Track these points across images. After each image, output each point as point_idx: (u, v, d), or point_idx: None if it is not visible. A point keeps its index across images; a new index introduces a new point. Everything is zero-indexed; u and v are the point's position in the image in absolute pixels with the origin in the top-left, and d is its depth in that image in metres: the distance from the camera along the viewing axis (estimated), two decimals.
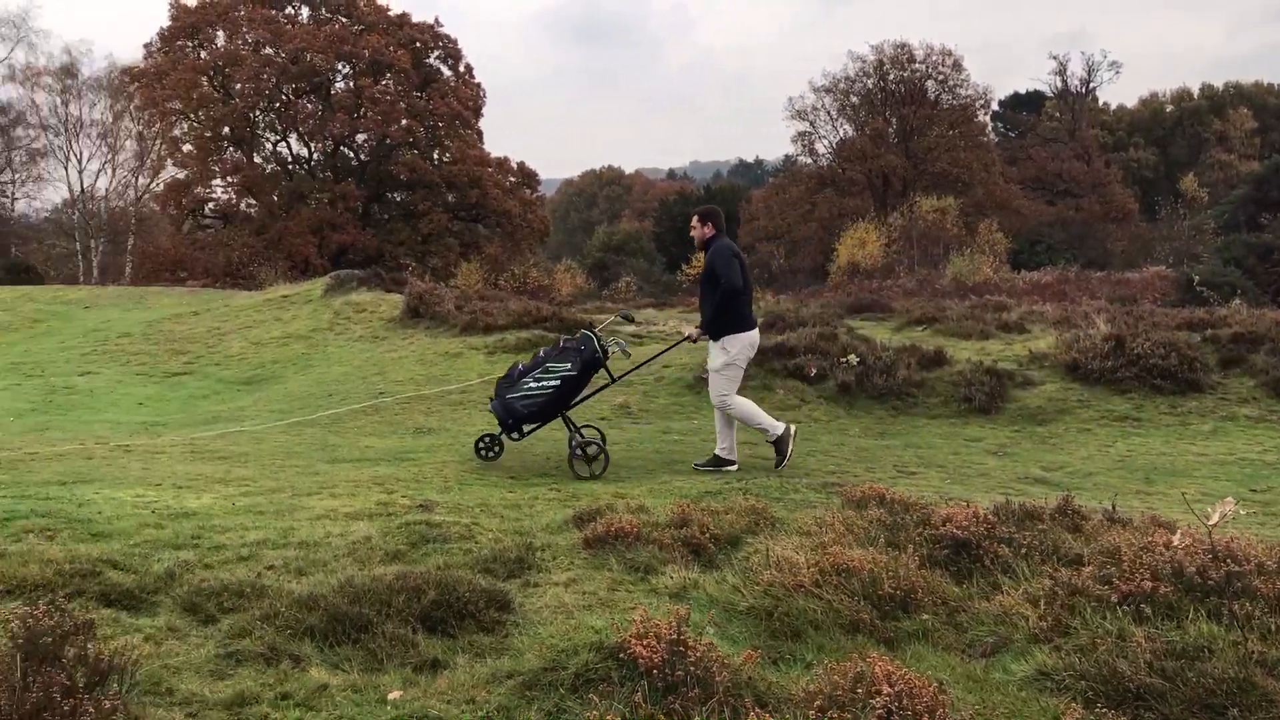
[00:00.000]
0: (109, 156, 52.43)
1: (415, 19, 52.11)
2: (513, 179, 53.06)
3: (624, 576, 4.53)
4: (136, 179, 53.63)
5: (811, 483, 6.81)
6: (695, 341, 8.19)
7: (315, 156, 53.21)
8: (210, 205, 52.28)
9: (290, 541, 4.90)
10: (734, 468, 7.62)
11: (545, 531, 5.28)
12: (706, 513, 5.36)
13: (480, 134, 53.14)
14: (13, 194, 57.46)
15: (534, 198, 54.60)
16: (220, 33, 50.85)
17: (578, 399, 7.93)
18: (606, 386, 8.66)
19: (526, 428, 7.86)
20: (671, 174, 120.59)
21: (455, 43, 52.85)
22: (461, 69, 53.20)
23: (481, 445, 7.93)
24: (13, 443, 8.97)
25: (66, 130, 51.09)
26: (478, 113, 52.72)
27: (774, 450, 7.74)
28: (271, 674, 3.43)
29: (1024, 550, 4.45)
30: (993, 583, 4.26)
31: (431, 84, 51.14)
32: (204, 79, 49.35)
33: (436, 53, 52.70)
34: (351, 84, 50.36)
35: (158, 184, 53.17)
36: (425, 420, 10.60)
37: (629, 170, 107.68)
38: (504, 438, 7.90)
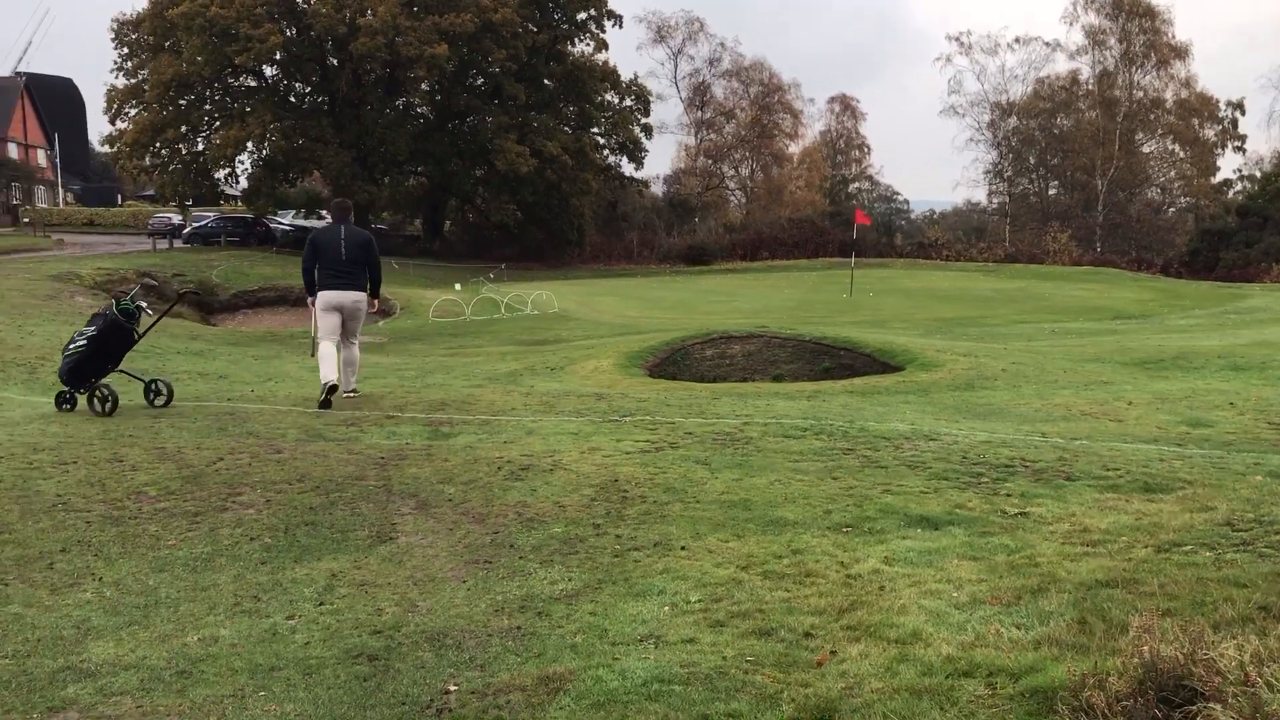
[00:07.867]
0: None
1: None
2: None
3: None
4: None
5: None
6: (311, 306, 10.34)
7: None
8: None
9: None
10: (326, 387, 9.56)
11: None
12: None
13: None
14: None
15: None
16: None
17: (122, 354, 9.23)
18: (136, 343, 9.45)
19: (97, 380, 9.04)
20: None
21: None
22: None
23: (61, 399, 9.22)
24: None
25: None
26: None
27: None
28: None
29: None
30: None
31: None
32: None
33: None
34: None
35: None
36: None
37: None
38: (75, 394, 9.14)
